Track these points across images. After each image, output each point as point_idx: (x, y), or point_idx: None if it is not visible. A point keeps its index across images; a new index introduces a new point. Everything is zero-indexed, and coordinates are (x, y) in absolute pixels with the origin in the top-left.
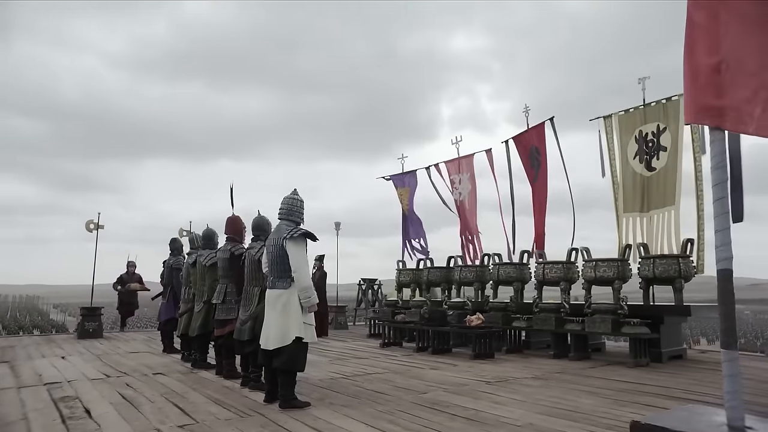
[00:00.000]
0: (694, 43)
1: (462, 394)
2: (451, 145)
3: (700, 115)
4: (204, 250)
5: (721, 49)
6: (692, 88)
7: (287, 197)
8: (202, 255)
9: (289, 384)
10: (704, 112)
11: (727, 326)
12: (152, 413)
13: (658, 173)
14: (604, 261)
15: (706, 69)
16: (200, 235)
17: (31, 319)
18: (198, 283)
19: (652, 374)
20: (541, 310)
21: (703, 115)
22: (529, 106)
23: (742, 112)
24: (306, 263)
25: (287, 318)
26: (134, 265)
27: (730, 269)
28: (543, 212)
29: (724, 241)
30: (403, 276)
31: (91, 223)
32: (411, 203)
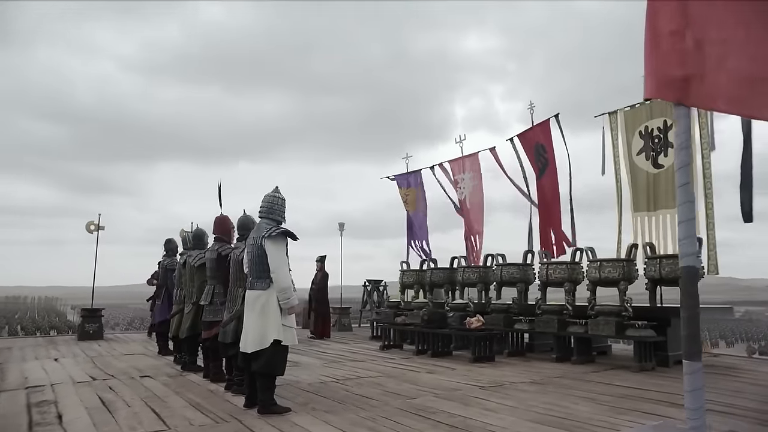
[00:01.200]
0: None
1: (452, 400)
2: (455, 144)
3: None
4: (193, 251)
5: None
6: (653, 57)
7: (268, 195)
8: (191, 255)
9: (268, 388)
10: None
11: (690, 333)
12: (126, 419)
13: (666, 171)
14: (608, 261)
15: (669, 36)
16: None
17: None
18: (188, 284)
19: (656, 379)
20: (543, 312)
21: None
22: (535, 104)
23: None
24: (285, 263)
25: (266, 320)
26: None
27: (696, 267)
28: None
29: (688, 233)
30: (407, 277)
31: (91, 224)
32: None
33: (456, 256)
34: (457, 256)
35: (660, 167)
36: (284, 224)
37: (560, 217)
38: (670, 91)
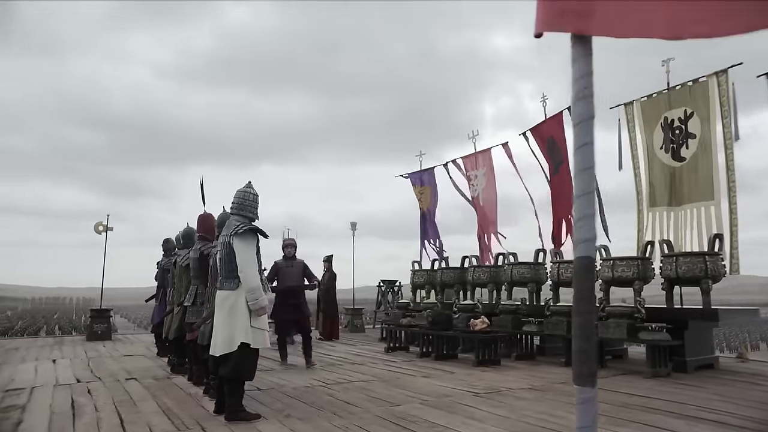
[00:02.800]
0: None
1: (438, 408)
2: (468, 140)
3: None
4: (182, 250)
5: None
6: None
7: (239, 190)
8: (180, 255)
9: (236, 393)
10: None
11: (582, 348)
12: (84, 425)
13: (689, 163)
14: (622, 260)
15: None
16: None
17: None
18: (177, 284)
19: (669, 386)
20: (553, 314)
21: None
22: (547, 96)
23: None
24: (254, 262)
25: (234, 322)
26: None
27: (592, 258)
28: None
29: (586, 211)
30: (418, 277)
31: (99, 225)
32: (434, 202)
33: (467, 256)
34: (469, 256)
35: (682, 160)
36: (257, 221)
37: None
38: (567, 20)
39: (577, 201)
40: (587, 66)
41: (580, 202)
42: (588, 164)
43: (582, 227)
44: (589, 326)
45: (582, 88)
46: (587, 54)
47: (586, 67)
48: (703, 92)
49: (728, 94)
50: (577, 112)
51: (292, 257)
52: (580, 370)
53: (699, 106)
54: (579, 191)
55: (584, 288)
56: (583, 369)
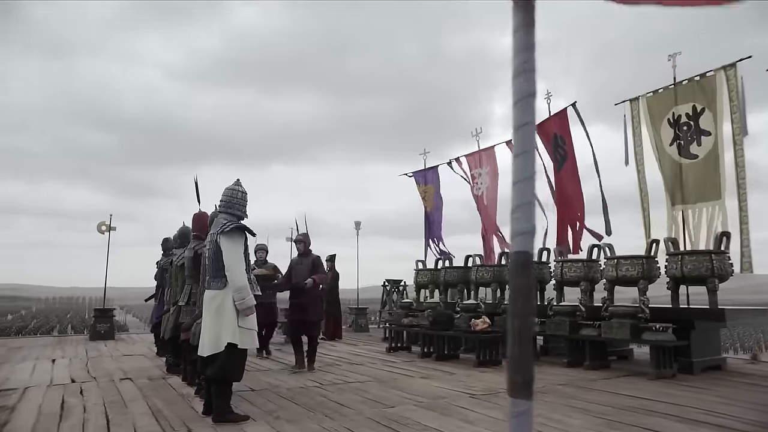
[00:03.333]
0: None
1: (432, 410)
2: (471, 137)
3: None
4: (178, 249)
5: None
6: None
7: (228, 188)
8: (175, 254)
9: (223, 395)
10: None
11: (518, 354)
12: (71, 427)
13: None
14: (626, 258)
15: None
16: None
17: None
18: (173, 284)
19: (673, 388)
20: (555, 314)
21: None
22: (551, 92)
23: None
24: (240, 260)
25: (221, 322)
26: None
27: (529, 252)
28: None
29: (524, 199)
30: (421, 277)
31: (102, 224)
32: (438, 201)
33: (471, 255)
34: (472, 255)
35: (693, 157)
36: (245, 220)
37: (583, 212)
38: None
39: (514, 188)
40: (529, 37)
41: (518, 189)
42: (528, 147)
43: (519, 218)
44: (527, 330)
45: (522, 62)
46: (529, 24)
47: (528, 39)
48: (712, 87)
49: (737, 88)
50: (517, 89)
51: (303, 253)
52: (514, 379)
53: (709, 102)
54: (518, 176)
55: (521, 286)
56: (518, 378)
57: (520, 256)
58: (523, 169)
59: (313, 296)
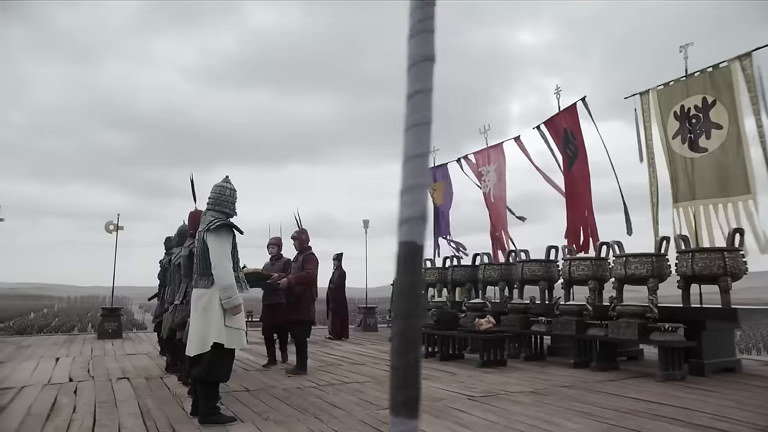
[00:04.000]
0: None
1: (427, 412)
2: (479, 135)
3: None
4: (177, 248)
5: None
6: None
7: (216, 185)
8: (174, 253)
9: (210, 396)
10: None
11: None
12: (55, 428)
13: (709, 155)
14: (635, 256)
15: None
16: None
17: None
18: (172, 282)
19: (682, 391)
20: (562, 313)
21: None
22: (561, 87)
23: None
24: (227, 258)
25: (207, 321)
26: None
27: (419, 243)
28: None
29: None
30: (429, 275)
31: (110, 224)
32: (448, 198)
33: (478, 253)
34: (480, 253)
35: (702, 151)
36: (234, 217)
37: (591, 210)
38: None
39: (405, 166)
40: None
41: (409, 168)
42: (423, 119)
43: (407, 202)
44: (413, 334)
45: (418, 21)
46: None
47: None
48: (725, 78)
49: (754, 78)
50: (412, 52)
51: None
52: (396, 394)
53: (721, 94)
54: (409, 153)
55: (407, 283)
56: (398, 394)
57: (407, 247)
58: (416, 145)
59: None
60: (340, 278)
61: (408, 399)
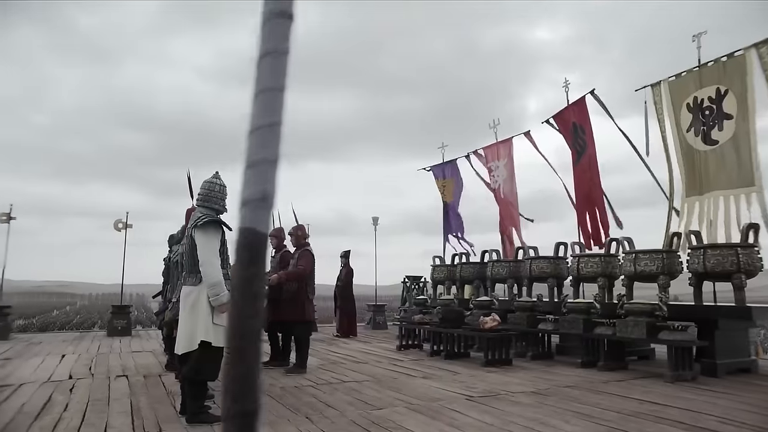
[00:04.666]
0: None
1: (422, 413)
2: (489, 129)
3: None
4: (175, 246)
5: None
6: None
7: (206, 181)
8: (174, 251)
9: (197, 395)
10: None
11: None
12: (41, 428)
13: (722, 147)
14: (645, 253)
15: None
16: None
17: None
18: (172, 280)
19: (691, 392)
20: (569, 311)
21: None
22: (569, 80)
23: None
24: (215, 255)
25: (195, 319)
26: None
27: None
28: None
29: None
30: (437, 273)
31: (119, 222)
32: (457, 195)
33: (487, 250)
34: (488, 250)
35: (713, 143)
36: (224, 214)
37: (602, 205)
38: None
39: (250, 137)
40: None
41: (254, 140)
42: (275, 83)
43: (250, 180)
44: (252, 338)
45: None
46: None
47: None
48: (739, 67)
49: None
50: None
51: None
52: (230, 406)
53: (733, 83)
54: (257, 122)
55: (244, 277)
56: (233, 406)
57: (246, 234)
58: (264, 113)
59: (290, 296)
60: (348, 276)
61: (244, 413)
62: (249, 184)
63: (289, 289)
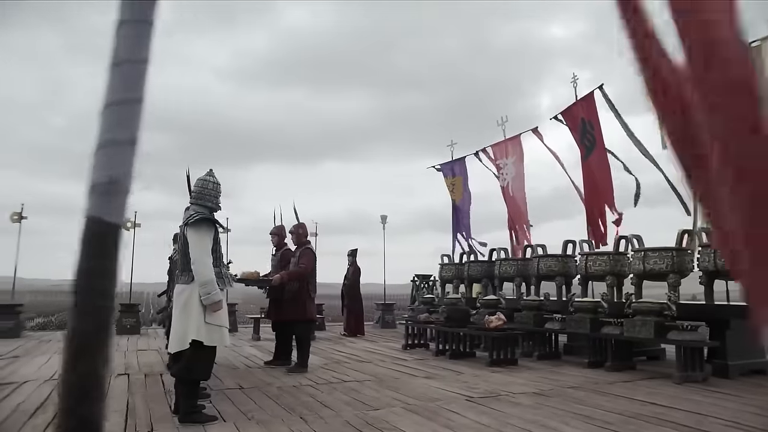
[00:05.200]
0: None
1: (418, 413)
2: (497, 126)
3: None
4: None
5: None
6: None
7: (199, 178)
8: (174, 249)
9: (189, 394)
10: None
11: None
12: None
13: None
14: (654, 251)
15: None
16: None
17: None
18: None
19: (699, 394)
20: (576, 310)
21: None
22: (578, 76)
23: None
24: (207, 253)
25: (187, 318)
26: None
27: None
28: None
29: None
30: (445, 271)
31: (127, 222)
32: (466, 193)
33: (494, 248)
34: (496, 248)
35: None
36: (218, 212)
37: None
38: None
39: (103, 114)
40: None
41: (107, 117)
42: (137, 55)
43: (100, 163)
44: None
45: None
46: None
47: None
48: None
49: None
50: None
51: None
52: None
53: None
54: (112, 98)
55: (89, 271)
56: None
57: (92, 224)
58: (122, 88)
59: (292, 295)
60: (355, 274)
61: (83, 421)
62: (97, 168)
63: (291, 289)
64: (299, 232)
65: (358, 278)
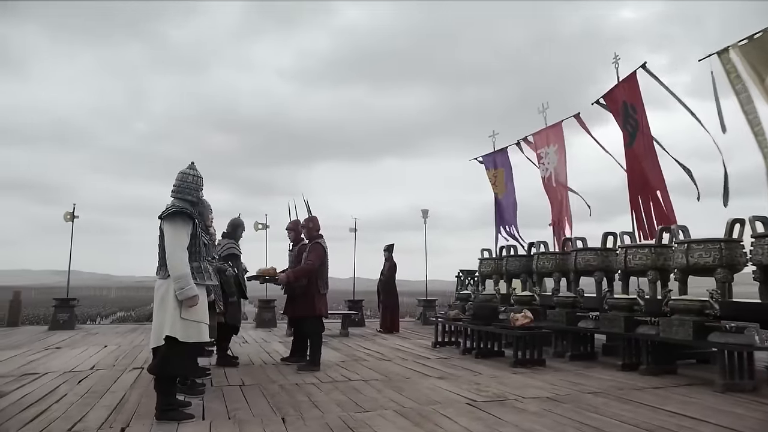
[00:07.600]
0: None
1: (408, 417)
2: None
3: None
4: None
5: None
6: None
7: (180, 172)
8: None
9: (166, 391)
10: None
11: None
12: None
13: None
14: (700, 243)
15: None
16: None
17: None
18: None
19: (741, 406)
20: (610, 307)
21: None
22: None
23: None
24: (181, 247)
25: (163, 313)
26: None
27: None
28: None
29: None
30: (485, 266)
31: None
32: (509, 185)
33: (534, 242)
34: (536, 242)
35: None
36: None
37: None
38: None
39: None
40: None
41: None
42: None
43: None
44: None
45: None
46: None
47: None
48: None
49: None
50: None
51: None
52: None
53: None
54: None
55: None
56: None
57: None
58: None
59: (301, 291)
60: (390, 270)
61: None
62: None
63: (301, 285)
64: (309, 226)
65: (393, 274)
